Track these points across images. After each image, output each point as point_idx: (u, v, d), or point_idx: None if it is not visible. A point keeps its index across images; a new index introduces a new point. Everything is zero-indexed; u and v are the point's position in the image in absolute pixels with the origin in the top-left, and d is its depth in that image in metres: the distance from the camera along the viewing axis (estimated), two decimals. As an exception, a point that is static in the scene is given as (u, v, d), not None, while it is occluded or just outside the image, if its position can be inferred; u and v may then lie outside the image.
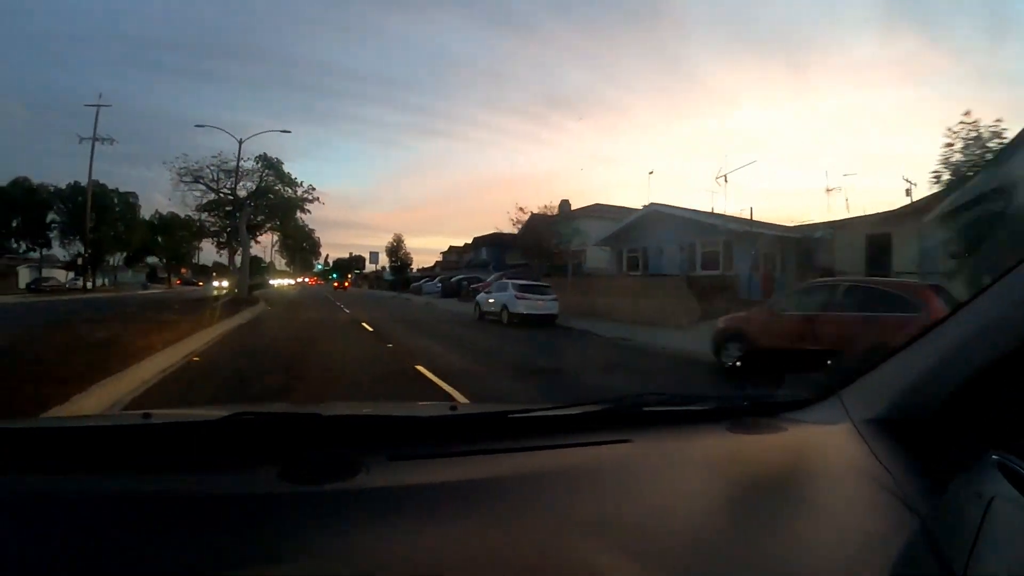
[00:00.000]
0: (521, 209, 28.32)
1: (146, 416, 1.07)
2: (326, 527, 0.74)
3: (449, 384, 5.94)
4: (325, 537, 0.72)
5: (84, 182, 34.78)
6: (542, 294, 16.04)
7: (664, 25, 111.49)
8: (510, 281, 16.90)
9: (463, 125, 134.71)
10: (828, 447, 1.10)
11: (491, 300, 17.06)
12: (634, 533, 0.78)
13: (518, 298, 15.60)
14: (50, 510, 0.77)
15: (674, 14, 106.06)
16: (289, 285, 64.09)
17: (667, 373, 8.07)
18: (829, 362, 4.26)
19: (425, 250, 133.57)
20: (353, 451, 0.93)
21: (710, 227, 19.13)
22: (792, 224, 19.61)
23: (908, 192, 18.28)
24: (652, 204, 22.67)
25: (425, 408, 1.70)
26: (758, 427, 1.22)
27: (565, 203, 31.19)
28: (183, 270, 68.91)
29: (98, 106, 29.04)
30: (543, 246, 25.78)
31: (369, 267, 79.60)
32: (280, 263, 79.91)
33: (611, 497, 0.89)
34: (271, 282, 57.49)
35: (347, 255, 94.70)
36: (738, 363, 7.60)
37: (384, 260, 71.86)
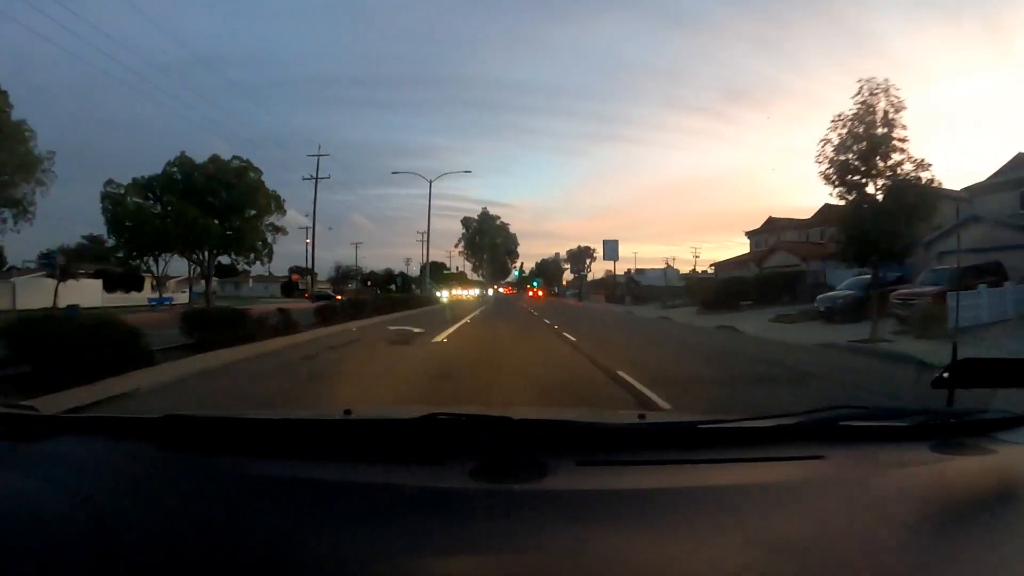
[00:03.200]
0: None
1: (347, 413, 1.18)
2: (512, 526, 0.76)
3: None
4: (510, 535, 0.74)
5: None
6: None
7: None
8: None
9: (640, 128, 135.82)
10: None
11: None
12: (823, 557, 0.74)
13: None
14: (268, 490, 0.86)
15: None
16: (467, 296, 61.52)
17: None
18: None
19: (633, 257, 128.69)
20: (542, 454, 0.95)
21: None
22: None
23: None
24: None
25: (614, 416, 1.70)
26: (966, 448, 1.09)
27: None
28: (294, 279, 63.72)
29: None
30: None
31: (597, 268, 77.01)
32: (467, 270, 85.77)
33: (800, 517, 0.85)
34: (439, 294, 53.79)
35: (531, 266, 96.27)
36: None
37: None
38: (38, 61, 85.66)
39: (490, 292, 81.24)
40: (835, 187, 12.32)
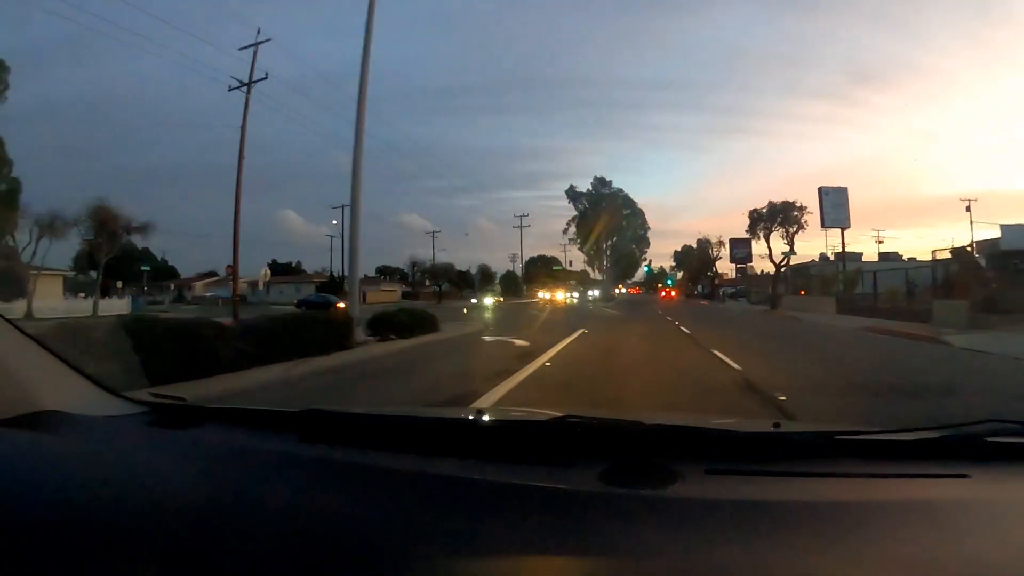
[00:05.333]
0: None
1: (479, 413, 1.18)
2: (640, 531, 0.75)
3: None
4: (638, 540, 0.74)
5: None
6: None
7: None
8: None
9: (762, 119, 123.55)
10: None
11: None
12: None
13: None
14: (399, 483, 0.89)
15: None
16: (563, 300, 44.99)
17: None
18: None
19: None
20: (671, 461, 0.94)
21: None
22: None
23: None
24: None
25: (746, 424, 1.61)
26: None
27: None
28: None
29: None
30: None
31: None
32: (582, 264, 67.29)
33: (940, 540, 0.80)
34: (541, 294, 46.13)
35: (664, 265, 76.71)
36: None
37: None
38: (176, 87, 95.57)
39: (617, 292, 62.86)
40: None
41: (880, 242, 51.41)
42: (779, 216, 35.13)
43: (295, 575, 0.70)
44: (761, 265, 50.95)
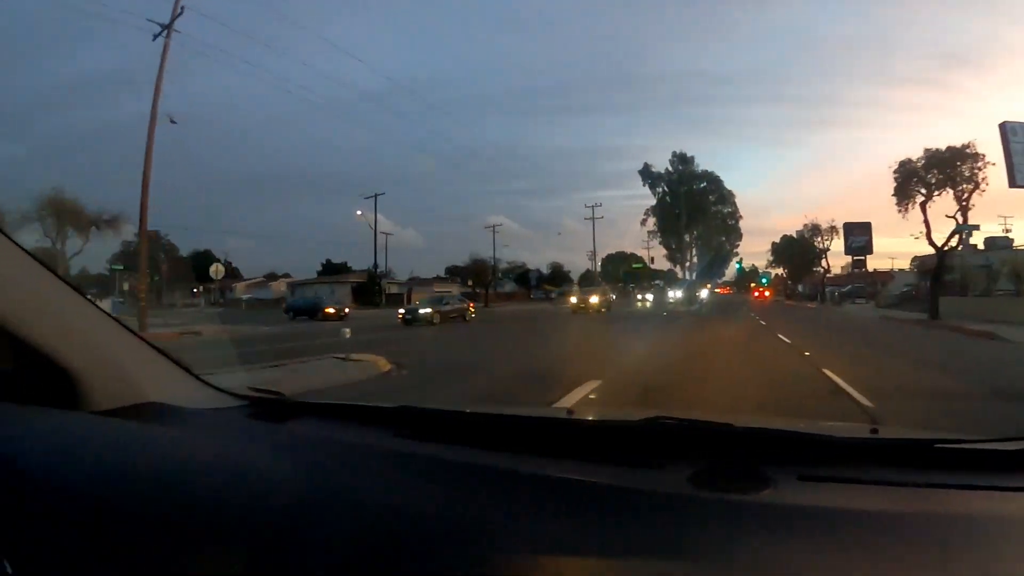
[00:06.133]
0: None
1: (569, 413, 1.23)
2: (729, 536, 0.74)
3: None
4: (727, 546, 0.72)
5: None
6: None
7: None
8: None
9: (851, 109, 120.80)
10: None
11: None
12: None
13: None
14: (488, 480, 0.91)
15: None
16: (592, 302, 34.38)
17: None
18: None
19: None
20: (762, 465, 0.92)
21: None
22: None
23: None
24: None
25: (841, 428, 1.52)
26: None
27: None
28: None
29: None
30: None
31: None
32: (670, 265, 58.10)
33: None
34: (610, 295, 37.61)
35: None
36: None
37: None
38: (255, 100, 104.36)
39: (703, 293, 51.40)
40: None
41: (1008, 231, 38.47)
42: (947, 168, 21.63)
43: (384, 565, 0.71)
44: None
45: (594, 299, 31.41)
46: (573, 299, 32.44)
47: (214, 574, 0.65)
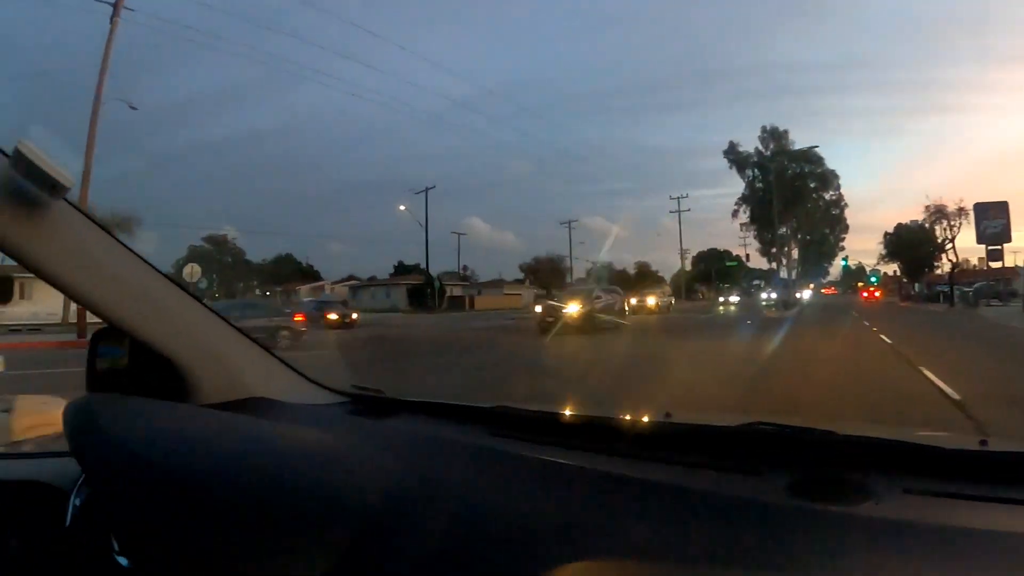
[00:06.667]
0: None
1: (667, 416, 1.19)
2: (829, 550, 0.71)
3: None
4: (827, 560, 0.70)
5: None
6: None
7: None
8: None
9: (957, 93, 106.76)
10: None
11: None
12: None
13: None
14: (579, 481, 0.90)
15: None
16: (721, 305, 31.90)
17: None
18: None
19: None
20: (864, 476, 0.87)
21: None
22: None
23: None
24: None
25: (948, 439, 1.35)
26: None
27: None
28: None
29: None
30: None
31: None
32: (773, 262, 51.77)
33: None
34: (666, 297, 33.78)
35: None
36: None
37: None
38: (354, 113, 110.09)
39: (804, 294, 44.55)
40: None
41: None
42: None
43: (476, 560, 0.73)
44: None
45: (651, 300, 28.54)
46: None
47: (318, 558, 0.69)
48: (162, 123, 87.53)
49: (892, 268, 53.10)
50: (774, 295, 39.86)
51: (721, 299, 43.76)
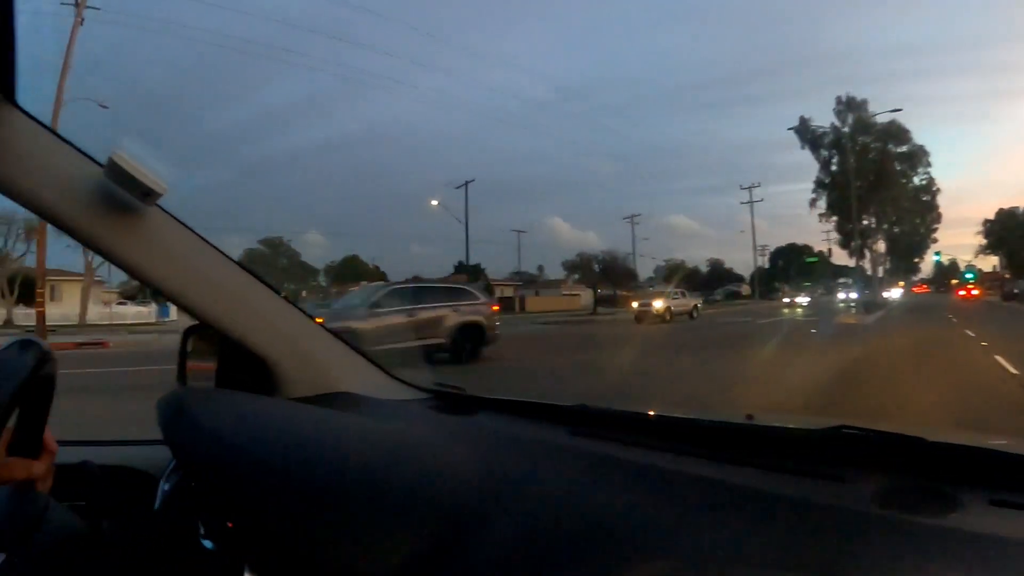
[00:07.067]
0: None
1: (749, 417, 1.18)
2: (915, 562, 0.69)
3: None
4: (906, 571, 0.68)
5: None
6: None
7: None
8: None
9: None
10: None
11: None
12: None
13: None
14: (657, 482, 0.89)
15: None
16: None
17: None
18: None
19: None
20: (951, 485, 0.84)
21: None
22: None
23: None
24: None
25: None
26: None
27: None
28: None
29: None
30: None
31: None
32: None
33: None
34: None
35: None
36: None
37: None
38: (437, 119, 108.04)
39: (893, 293, 40.32)
40: None
41: None
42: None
43: (554, 557, 0.73)
44: None
45: (658, 304, 25.36)
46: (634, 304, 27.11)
47: (398, 551, 0.71)
48: (248, 134, 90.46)
49: (991, 264, 46.40)
50: (853, 295, 34.47)
51: (786, 300, 38.77)
